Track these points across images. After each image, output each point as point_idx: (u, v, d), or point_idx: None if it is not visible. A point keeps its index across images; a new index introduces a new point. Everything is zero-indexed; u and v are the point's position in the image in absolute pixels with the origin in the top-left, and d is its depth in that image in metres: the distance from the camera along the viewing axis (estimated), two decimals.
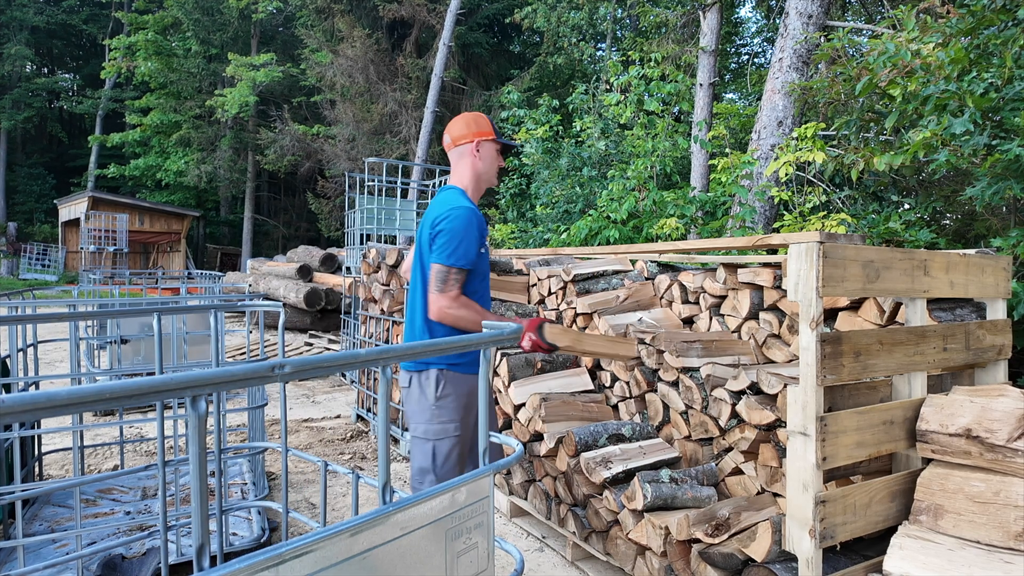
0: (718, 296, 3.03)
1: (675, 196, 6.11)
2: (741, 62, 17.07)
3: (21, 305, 3.26)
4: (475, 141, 2.23)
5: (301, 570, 0.87)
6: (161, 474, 1.76)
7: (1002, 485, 1.62)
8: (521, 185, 8.97)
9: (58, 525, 2.91)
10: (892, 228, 3.89)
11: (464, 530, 1.16)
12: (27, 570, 2.04)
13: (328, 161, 16.48)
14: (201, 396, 0.81)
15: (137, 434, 4.70)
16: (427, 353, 1.16)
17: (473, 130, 2.24)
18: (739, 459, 2.42)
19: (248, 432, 3.55)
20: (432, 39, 16.07)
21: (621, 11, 11.71)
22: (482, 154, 2.24)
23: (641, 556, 2.42)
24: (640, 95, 6.95)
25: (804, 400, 1.72)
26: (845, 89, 4.33)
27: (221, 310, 2.41)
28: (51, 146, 31.36)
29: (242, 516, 3.04)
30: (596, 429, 2.78)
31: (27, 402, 0.66)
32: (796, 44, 5.79)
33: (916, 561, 1.58)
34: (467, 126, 2.24)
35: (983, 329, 2.17)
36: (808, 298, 1.72)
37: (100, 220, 19.35)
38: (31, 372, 3.33)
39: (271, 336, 9.44)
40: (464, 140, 2.24)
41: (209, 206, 27.15)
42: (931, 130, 3.18)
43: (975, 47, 3.41)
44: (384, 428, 1.12)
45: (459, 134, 2.25)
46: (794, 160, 4.44)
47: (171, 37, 23.09)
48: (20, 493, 2.05)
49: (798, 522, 1.73)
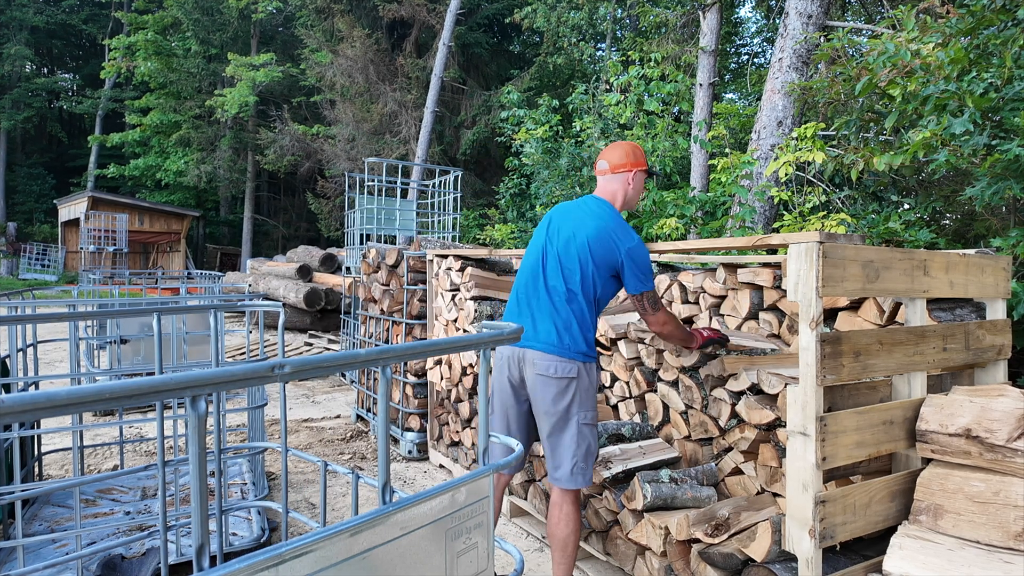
0: (718, 296, 3.03)
1: (675, 196, 6.11)
2: (741, 62, 17.07)
3: (21, 305, 3.26)
4: (633, 172, 2.44)
5: (301, 570, 0.87)
6: (161, 474, 1.76)
7: (1002, 485, 1.62)
8: (521, 185, 8.97)
9: (58, 525, 2.91)
10: (892, 228, 3.89)
11: (464, 530, 1.16)
12: (27, 570, 2.04)
13: (328, 161, 16.47)
14: (201, 396, 0.81)
15: (137, 434, 4.70)
16: (428, 353, 1.16)
17: (631, 160, 2.44)
18: (739, 459, 2.42)
19: (248, 432, 3.55)
20: (432, 39, 16.06)
21: (621, 11, 11.71)
22: (634, 184, 2.45)
23: (641, 556, 2.42)
24: (640, 95, 6.95)
25: (804, 400, 1.72)
26: (845, 89, 4.33)
27: (221, 310, 2.41)
28: (51, 146, 31.35)
29: (242, 516, 3.04)
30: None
31: (27, 402, 0.66)
32: (796, 44, 5.79)
33: (916, 561, 1.58)
34: (627, 156, 2.44)
35: (983, 329, 2.17)
36: (808, 298, 1.72)
37: (100, 220, 19.34)
38: (31, 372, 3.33)
39: (271, 336, 9.44)
40: (623, 169, 2.44)
41: (209, 206, 27.14)
42: (931, 130, 3.18)
43: (975, 47, 3.41)
44: (384, 428, 1.12)
45: (619, 163, 2.45)
46: (794, 160, 4.44)
47: (171, 37, 23.08)
48: (20, 493, 2.05)
49: (798, 522, 1.73)
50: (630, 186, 2.44)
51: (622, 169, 2.43)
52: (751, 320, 2.86)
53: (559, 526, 2.29)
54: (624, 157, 2.44)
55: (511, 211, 9.09)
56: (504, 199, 9.14)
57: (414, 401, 4.39)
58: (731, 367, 2.39)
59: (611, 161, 2.45)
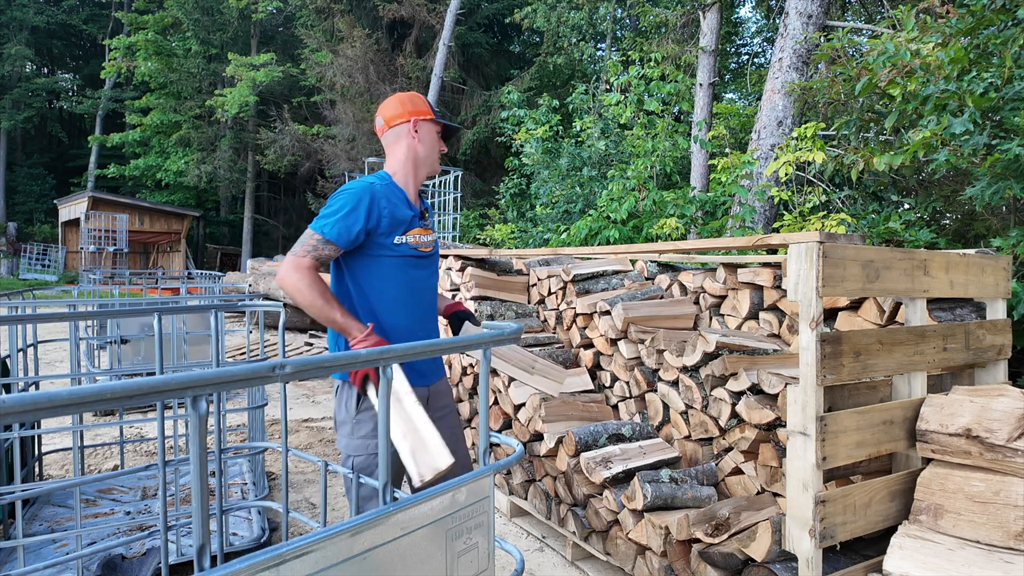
0: (718, 296, 3.03)
1: (675, 196, 6.11)
2: (741, 62, 17.07)
3: (21, 305, 3.26)
4: (412, 121, 1.99)
5: (301, 570, 0.87)
6: (161, 474, 1.76)
7: (1002, 485, 1.62)
8: (521, 185, 8.97)
9: (58, 525, 2.91)
10: (892, 228, 3.89)
11: (464, 530, 1.16)
12: (27, 570, 2.04)
13: (328, 161, 16.47)
14: (201, 396, 0.81)
15: (137, 434, 4.70)
16: (428, 353, 1.15)
17: (409, 109, 2.00)
18: (739, 459, 2.42)
19: (248, 432, 3.55)
20: (432, 39, 16.06)
21: (621, 11, 11.71)
22: (420, 135, 2.00)
23: (641, 556, 2.42)
24: (640, 95, 6.95)
25: (804, 400, 1.73)
26: (845, 89, 4.33)
27: (221, 310, 2.41)
28: (51, 146, 31.35)
29: (242, 516, 3.04)
30: (596, 429, 2.78)
31: (28, 402, 0.66)
32: (796, 44, 5.79)
33: (916, 561, 1.58)
34: (402, 105, 2.01)
35: (983, 329, 2.17)
36: (808, 298, 1.72)
37: (100, 220, 19.35)
38: (31, 372, 3.33)
39: (271, 336, 9.44)
40: (400, 120, 1.99)
41: (209, 206, 27.14)
42: (931, 130, 3.18)
43: (975, 47, 3.41)
44: (384, 428, 1.12)
45: (393, 114, 2.00)
46: (794, 160, 4.44)
47: (171, 37, 23.09)
48: (20, 493, 2.05)
49: (798, 522, 1.73)
50: (416, 139, 1.99)
51: (399, 120, 1.99)
52: (751, 320, 2.86)
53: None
54: (400, 107, 2.00)
55: (511, 211, 9.09)
56: (504, 199, 9.14)
57: None
58: (731, 367, 2.39)
59: (385, 115, 2.02)
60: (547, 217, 7.60)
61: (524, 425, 3.14)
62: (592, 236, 6.17)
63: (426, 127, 2.01)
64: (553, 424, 2.94)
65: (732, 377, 2.40)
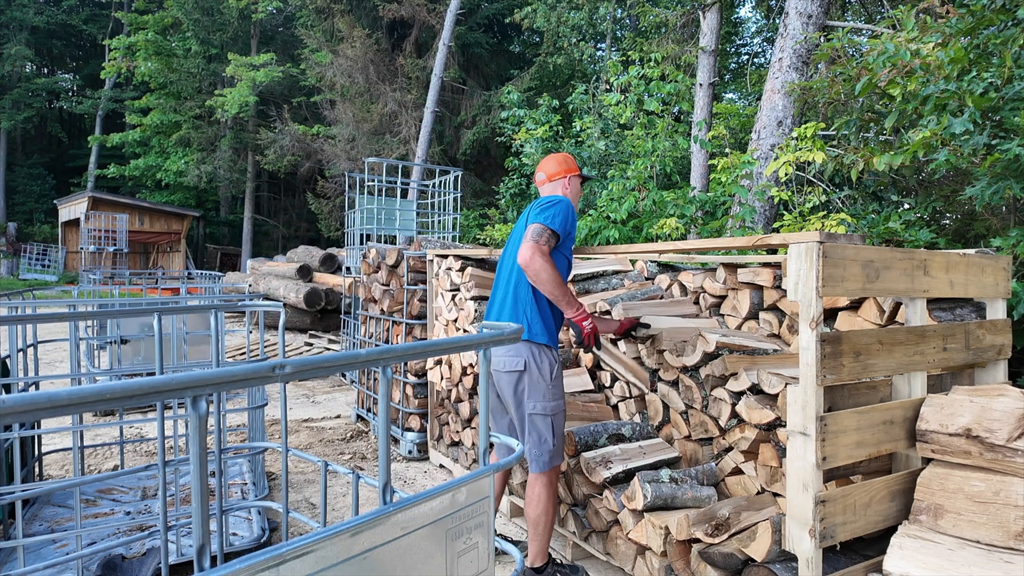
0: (718, 296, 3.03)
1: (675, 196, 6.11)
2: (741, 62, 17.07)
3: (21, 305, 3.26)
4: (567, 177, 2.71)
5: (302, 570, 0.87)
6: (161, 474, 1.76)
7: (1002, 485, 1.62)
8: (521, 185, 8.97)
9: (58, 525, 2.91)
10: (892, 228, 3.89)
11: (464, 530, 1.16)
12: (27, 570, 2.04)
13: (328, 161, 16.47)
14: (201, 396, 0.81)
15: (137, 434, 4.70)
16: (428, 353, 1.16)
17: (564, 168, 2.71)
18: (739, 459, 2.42)
19: (248, 432, 3.55)
20: (432, 39, 16.06)
21: (621, 11, 11.71)
22: (571, 189, 2.71)
23: (641, 556, 2.42)
24: (640, 95, 6.96)
25: (804, 400, 1.73)
26: (845, 89, 4.33)
27: (221, 310, 2.41)
28: (51, 146, 31.35)
29: (242, 516, 3.04)
30: (596, 429, 2.78)
31: (28, 402, 0.66)
32: (796, 44, 5.79)
33: (916, 561, 1.58)
34: (559, 165, 2.72)
35: (983, 329, 2.17)
36: (808, 298, 1.72)
37: (100, 220, 19.34)
38: (31, 372, 3.33)
39: (271, 336, 9.44)
40: (558, 176, 2.72)
41: (209, 206, 27.14)
42: (931, 130, 3.18)
43: (975, 47, 3.41)
44: (384, 428, 1.12)
45: (554, 171, 2.72)
46: (794, 160, 4.44)
47: (171, 37, 23.09)
48: (20, 493, 2.05)
49: (798, 522, 1.73)
50: (567, 191, 2.69)
51: (558, 177, 2.71)
52: (751, 320, 2.87)
53: (529, 506, 2.49)
54: (558, 166, 2.72)
55: (511, 211, 9.09)
56: (504, 199, 9.14)
57: (414, 401, 4.39)
58: (731, 367, 2.39)
59: (547, 171, 2.74)
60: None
61: None
62: (592, 236, 6.17)
63: (575, 181, 2.73)
64: None
65: (732, 377, 2.40)
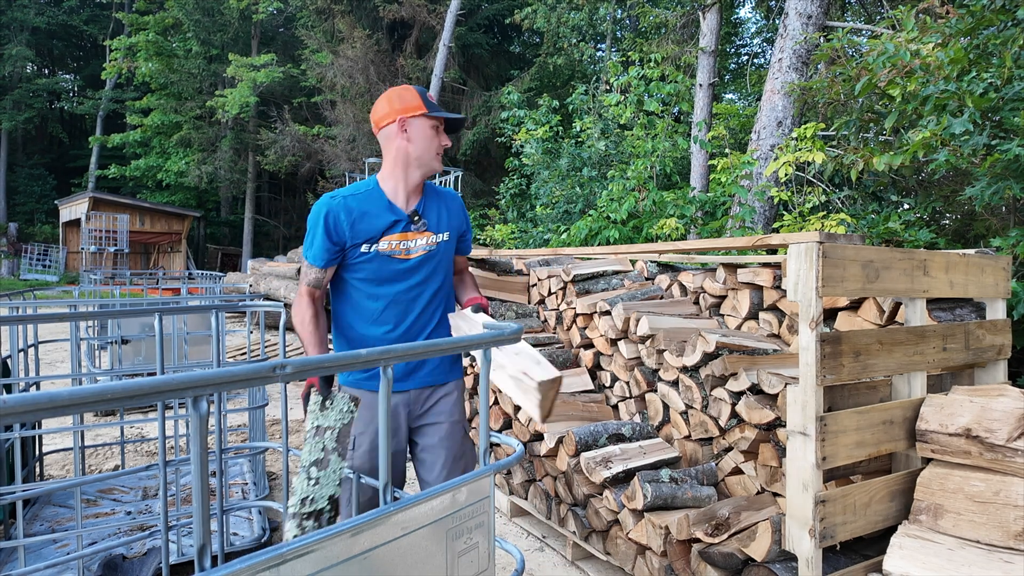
0: (718, 296, 3.03)
1: (675, 196, 6.11)
2: (741, 62, 17.07)
3: (22, 305, 3.26)
4: (398, 120, 1.84)
5: (302, 570, 0.87)
6: (162, 474, 1.76)
7: (1002, 485, 1.62)
8: (521, 185, 8.97)
9: (59, 525, 2.91)
10: (892, 228, 3.89)
11: (465, 530, 1.16)
12: (28, 570, 2.04)
13: (328, 161, 16.47)
14: (202, 396, 0.81)
15: (138, 434, 4.70)
16: (428, 353, 1.15)
17: (397, 107, 1.84)
18: (739, 459, 2.42)
19: (249, 432, 3.55)
20: (432, 40, 16.07)
21: (621, 11, 11.71)
22: (411, 134, 1.85)
23: (641, 556, 2.42)
24: (640, 95, 6.96)
25: (804, 400, 1.73)
26: (844, 89, 4.33)
27: (222, 310, 2.41)
28: (52, 147, 31.35)
29: (243, 516, 3.05)
30: (596, 429, 2.78)
31: (29, 402, 0.66)
32: (796, 44, 5.79)
33: (916, 561, 1.59)
34: (389, 104, 1.85)
35: (983, 329, 2.17)
36: (808, 298, 1.73)
37: (101, 220, 19.35)
38: (32, 372, 3.33)
39: (272, 336, 9.44)
40: (387, 120, 1.85)
41: (209, 206, 27.14)
42: (931, 130, 3.18)
43: (974, 47, 3.41)
44: (384, 428, 1.12)
45: (380, 115, 1.87)
46: (794, 160, 4.44)
47: (172, 38, 23.08)
48: (21, 493, 2.05)
49: (798, 522, 1.73)
50: (404, 138, 1.85)
51: (386, 121, 1.86)
52: (751, 320, 2.87)
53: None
54: (387, 106, 1.86)
55: (511, 211, 9.10)
56: (504, 199, 9.14)
57: None
58: (731, 367, 2.39)
59: (374, 116, 1.91)
60: (547, 217, 7.61)
61: (524, 425, 3.14)
62: (592, 236, 6.17)
63: (417, 124, 1.85)
64: (553, 424, 2.94)
65: (732, 377, 2.40)
